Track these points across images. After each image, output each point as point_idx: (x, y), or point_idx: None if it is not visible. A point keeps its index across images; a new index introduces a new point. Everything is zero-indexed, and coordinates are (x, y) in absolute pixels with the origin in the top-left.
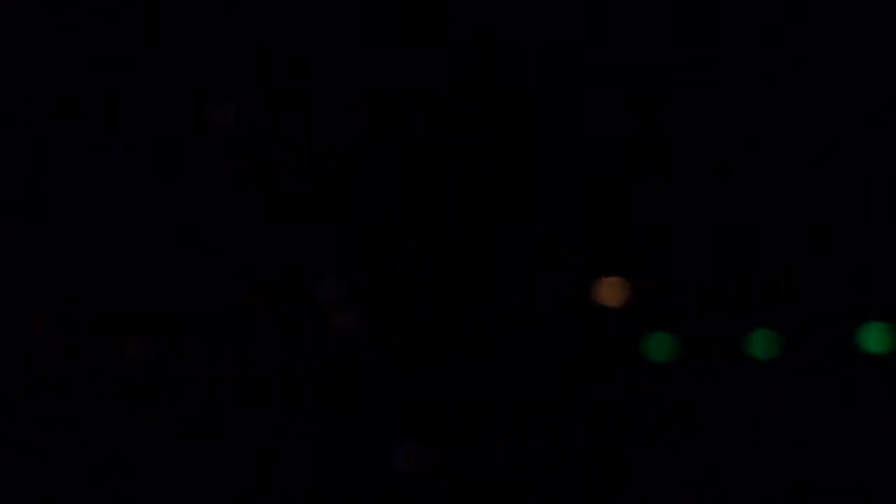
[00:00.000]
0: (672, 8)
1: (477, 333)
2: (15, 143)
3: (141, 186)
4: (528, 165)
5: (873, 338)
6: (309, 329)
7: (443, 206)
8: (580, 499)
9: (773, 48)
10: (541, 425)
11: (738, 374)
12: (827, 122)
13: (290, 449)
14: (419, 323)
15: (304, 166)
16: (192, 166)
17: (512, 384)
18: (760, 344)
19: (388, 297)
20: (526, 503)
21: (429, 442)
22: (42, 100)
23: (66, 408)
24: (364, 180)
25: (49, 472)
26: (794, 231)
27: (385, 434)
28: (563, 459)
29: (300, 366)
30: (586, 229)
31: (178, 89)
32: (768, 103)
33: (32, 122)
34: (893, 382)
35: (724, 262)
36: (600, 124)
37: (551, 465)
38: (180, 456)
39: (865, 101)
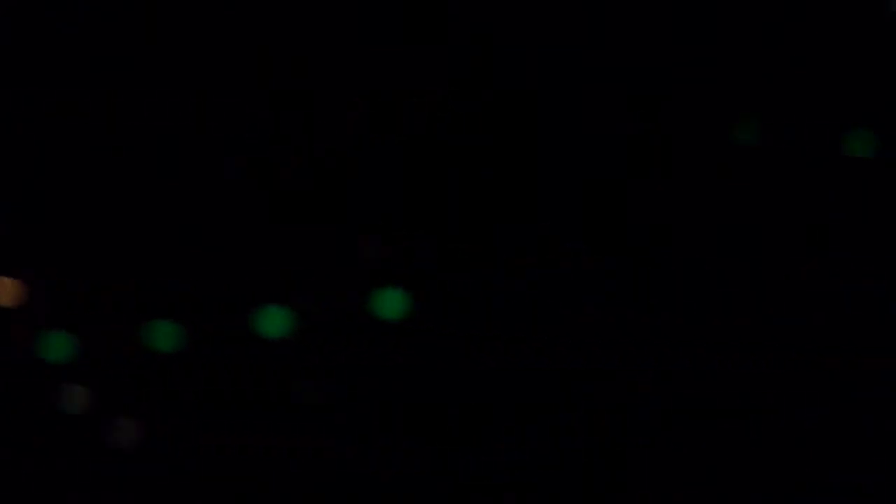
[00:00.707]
0: (672, 8)
1: None
2: (15, 144)
3: (141, 186)
4: (528, 165)
5: (270, 323)
6: (308, 328)
7: (443, 205)
8: (579, 499)
9: (773, 48)
10: (541, 425)
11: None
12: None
13: (289, 449)
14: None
15: (304, 166)
16: (193, 166)
17: (512, 385)
18: (163, 336)
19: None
20: (526, 503)
21: (429, 442)
22: (42, 100)
23: (62, 407)
24: (364, 180)
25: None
26: None
27: (384, 434)
28: (563, 459)
29: (299, 364)
30: (586, 229)
31: (179, 89)
32: (759, 103)
33: (32, 122)
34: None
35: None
36: (600, 124)
37: (551, 465)
38: (182, 456)
39: (866, 103)
